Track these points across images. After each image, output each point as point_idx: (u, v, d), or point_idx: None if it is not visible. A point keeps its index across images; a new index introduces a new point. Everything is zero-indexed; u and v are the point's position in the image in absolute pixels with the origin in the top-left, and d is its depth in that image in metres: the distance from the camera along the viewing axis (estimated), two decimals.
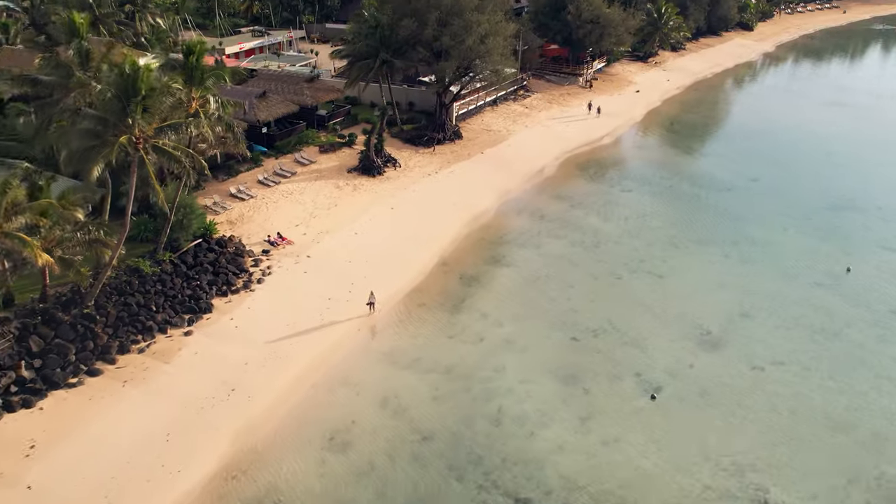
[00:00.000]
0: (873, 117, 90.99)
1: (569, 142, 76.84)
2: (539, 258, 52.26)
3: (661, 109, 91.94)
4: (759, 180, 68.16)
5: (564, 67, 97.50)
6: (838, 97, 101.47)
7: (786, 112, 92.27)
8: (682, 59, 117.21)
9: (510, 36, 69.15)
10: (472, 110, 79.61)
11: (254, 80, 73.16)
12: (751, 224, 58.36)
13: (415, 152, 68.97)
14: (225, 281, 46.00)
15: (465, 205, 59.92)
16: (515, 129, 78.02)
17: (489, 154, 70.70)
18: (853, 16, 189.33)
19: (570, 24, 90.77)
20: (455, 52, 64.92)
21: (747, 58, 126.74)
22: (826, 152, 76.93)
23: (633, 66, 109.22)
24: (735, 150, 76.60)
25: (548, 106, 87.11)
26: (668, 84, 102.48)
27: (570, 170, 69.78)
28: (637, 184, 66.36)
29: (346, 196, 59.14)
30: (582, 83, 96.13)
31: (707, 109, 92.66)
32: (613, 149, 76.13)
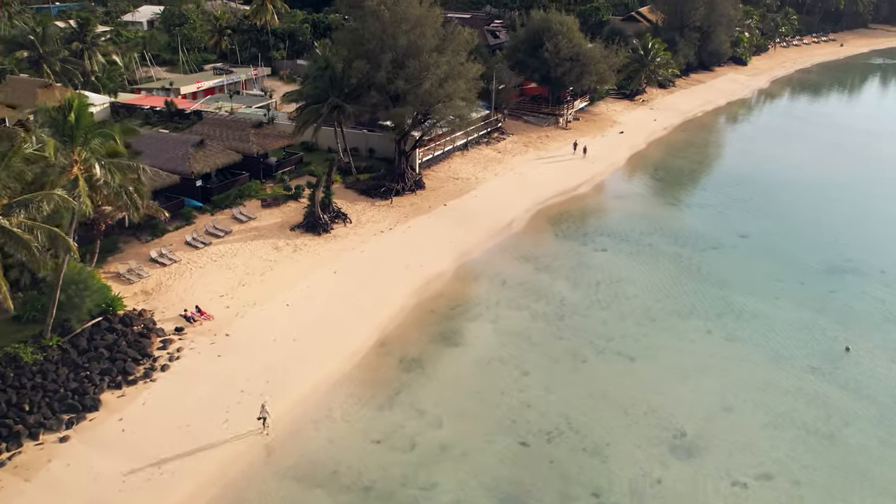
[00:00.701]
0: (874, 161, 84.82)
1: (542, 191, 70.60)
2: (494, 336, 45.67)
3: (646, 153, 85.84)
4: (748, 236, 61.76)
5: (544, 107, 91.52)
6: (837, 138, 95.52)
7: (780, 155, 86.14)
8: (671, 97, 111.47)
9: (475, 78, 63.07)
10: (439, 156, 73.51)
11: (198, 125, 67.36)
12: (738, 291, 51.80)
13: (370, 205, 62.73)
14: (122, 369, 39.58)
15: (418, 268, 53.52)
16: (485, 177, 71.86)
17: (453, 206, 64.43)
18: (851, 49, 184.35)
19: (549, 61, 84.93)
20: (412, 96, 58.90)
21: (740, 95, 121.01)
22: (823, 202, 70.69)
23: (618, 105, 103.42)
24: (724, 200, 70.26)
25: (523, 150, 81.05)
26: (654, 124, 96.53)
27: (540, 224, 63.40)
28: (613, 241, 59.90)
29: (284, 259, 52.77)
30: (562, 124, 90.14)
31: (695, 153, 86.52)
32: (590, 199, 69.79)
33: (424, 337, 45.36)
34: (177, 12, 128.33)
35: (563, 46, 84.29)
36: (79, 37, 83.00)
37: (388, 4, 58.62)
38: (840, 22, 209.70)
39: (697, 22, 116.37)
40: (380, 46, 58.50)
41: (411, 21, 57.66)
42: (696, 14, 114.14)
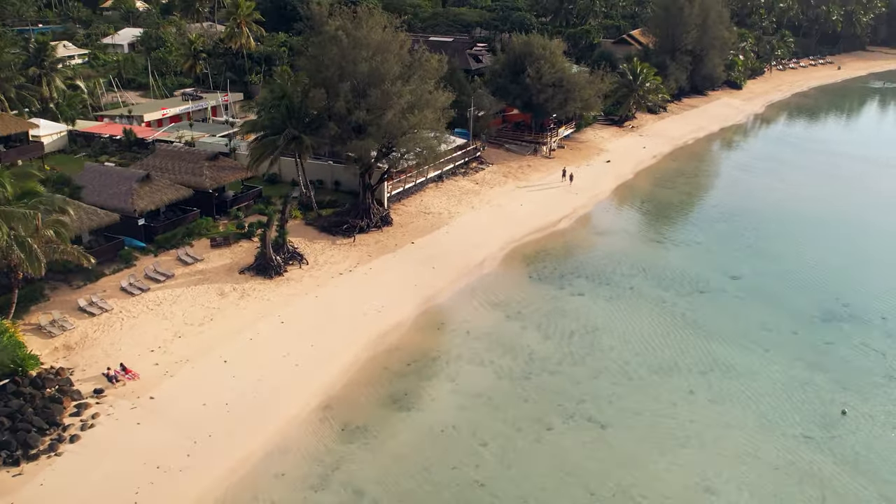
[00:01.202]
0: (874, 192, 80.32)
1: (520, 226, 66.09)
2: (451, 397, 40.96)
3: (633, 183, 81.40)
4: (738, 278, 57.08)
5: (526, 135, 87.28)
6: (834, 166, 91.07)
7: (774, 186, 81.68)
8: (662, 123, 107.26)
9: (444, 107, 58.76)
10: (410, 189, 69.10)
11: (150, 157, 63.13)
12: (725, 343, 47.14)
13: (331, 244, 58.25)
14: (23, 441, 34.94)
15: (376, 315, 48.92)
16: (459, 211, 67.41)
17: (421, 244, 59.91)
18: (848, 72, 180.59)
19: (530, 87, 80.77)
20: (373, 127, 54.58)
21: (734, 120, 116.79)
22: (819, 238, 66.12)
23: (606, 132, 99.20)
24: (713, 237, 65.68)
25: (502, 181, 76.63)
26: (643, 152, 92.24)
27: (514, 264, 58.79)
28: (592, 284, 55.24)
29: (228, 306, 48.18)
30: (545, 153, 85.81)
31: (685, 183, 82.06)
32: (571, 235, 65.21)
33: (374, 399, 40.68)
34: (154, 35, 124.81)
35: (546, 72, 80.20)
36: (36, 62, 78.89)
37: (348, 29, 54.32)
38: (837, 44, 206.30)
39: (689, 45, 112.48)
40: (339, 74, 54.22)
41: (372, 47, 53.38)
42: (687, 37, 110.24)
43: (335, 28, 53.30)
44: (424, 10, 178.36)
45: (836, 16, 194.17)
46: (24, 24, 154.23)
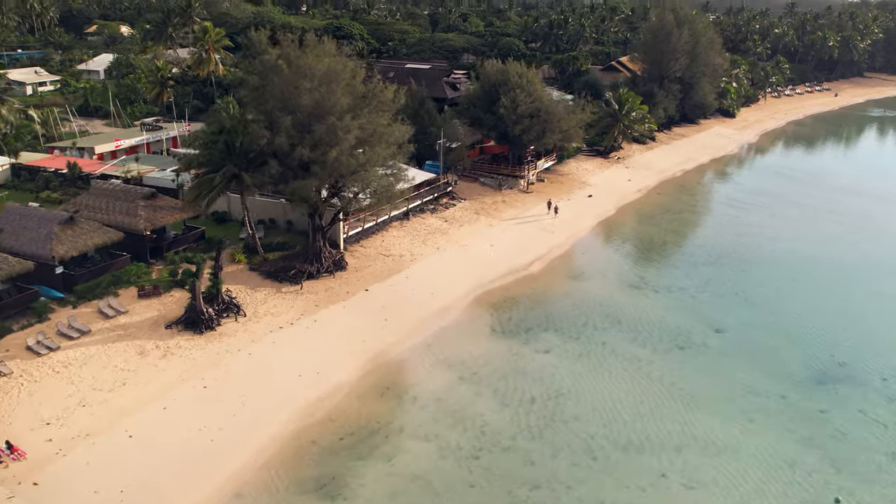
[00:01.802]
0: (875, 232, 74.89)
1: (488, 269, 60.76)
2: (386, 481, 35.40)
3: (615, 220, 76.18)
4: (723, 331, 51.59)
5: (503, 168, 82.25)
6: (832, 202, 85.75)
7: (766, 224, 76.35)
8: (650, 154, 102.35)
9: (400, 142, 53.76)
10: (371, 228, 63.81)
11: (83, 195, 58.05)
12: (705, 411, 41.62)
13: (275, 292, 52.89)
14: None
15: (313, 378, 43.49)
16: (423, 253, 62.14)
17: (376, 292, 54.56)
18: (845, 99, 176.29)
19: (505, 118, 75.84)
20: (318, 166, 49.45)
21: (726, 150, 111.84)
22: (814, 285, 60.75)
23: (590, 163, 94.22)
24: (698, 282, 60.29)
25: (474, 218, 71.42)
26: (628, 186, 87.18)
27: (477, 314, 53.38)
28: (560, 339, 49.82)
29: (146, 368, 42.78)
30: (523, 187, 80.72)
31: (670, 220, 76.79)
32: (542, 280, 59.85)
33: (295, 484, 35.11)
34: (124, 61, 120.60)
35: (522, 101, 75.33)
36: None
37: (291, 58, 49.36)
38: (834, 70, 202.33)
39: (678, 73, 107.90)
40: (280, 107, 49.12)
41: (317, 77, 48.36)
42: (676, 64, 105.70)
43: (276, 57, 48.16)
44: (412, 35, 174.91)
45: (832, 42, 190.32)
46: (1, 49, 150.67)
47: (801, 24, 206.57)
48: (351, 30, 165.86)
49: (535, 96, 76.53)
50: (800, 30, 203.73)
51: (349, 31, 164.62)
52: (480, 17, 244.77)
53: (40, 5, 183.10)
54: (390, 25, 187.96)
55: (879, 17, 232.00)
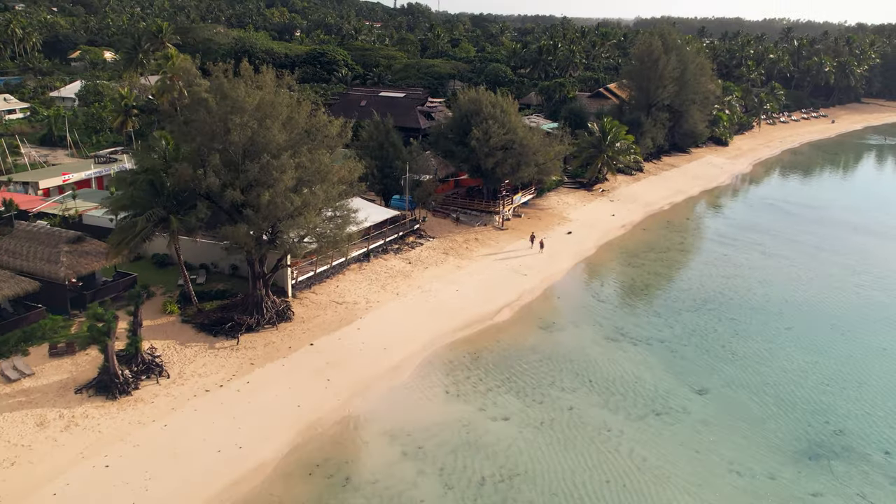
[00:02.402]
0: (878, 275, 69.31)
1: (451, 318, 55.35)
2: None
3: (595, 260, 70.76)
4: (705, 392, 46.03)
5: (477, 203, 77.09)
6: (829, 238, 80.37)
7: (758, 265, 70.97)
8: (637, 186, 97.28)
9: (348, 181, 48.65)
10: (325, 273, 58.42)
11: (5, 238, 52.69)
12: (679, 495, 35.86)
13: (208, 347, 47.51)
14: None
15: (234, 453, 37.99)
16: (381, 300, 56.74)
17: (322, 346, 49.11)
18: (843, 126, 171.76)
19: (477, 151, 70.79)
20: (251, 209, 44.21)
21: (717, 181, 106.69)
22: (809, 337, 55.27)
23: (572, 197, 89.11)
24: (680, 332, 54.77)
25: (441, 258, 66.08)
26: (611, 221, 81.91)
27: (432, 373, 47.90)
28: (522, 403, 44.25)
29: (44, 442, 37.42)
30: (498, 223, 75.46)
31: (654, 260, 71.37)
32: (509, 331, 54.30)
33: None
34: (92, 88, 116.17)
35: (495, 133, 70.29)
36: None
37: (224, 89, 44.30)
38: (831, 96, 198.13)
39: (666, 100, 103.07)
40: (207, 142, 43.98)
41: (249, 111, 43.24)
42: (663, 92, 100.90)
43: (204, 89, 43.09)
44: (399, 61, 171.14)
45: (828, 67, 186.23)
46: None
47: (797, 50, 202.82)
48: (335, 56, 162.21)
49: (510, 127, 71.49)
50: (795, 55, 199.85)
51: (333, 58, 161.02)
52: (473, 42, 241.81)
53: (22, 31, 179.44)
54: (377, 51, 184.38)
55: (876, 42, 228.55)
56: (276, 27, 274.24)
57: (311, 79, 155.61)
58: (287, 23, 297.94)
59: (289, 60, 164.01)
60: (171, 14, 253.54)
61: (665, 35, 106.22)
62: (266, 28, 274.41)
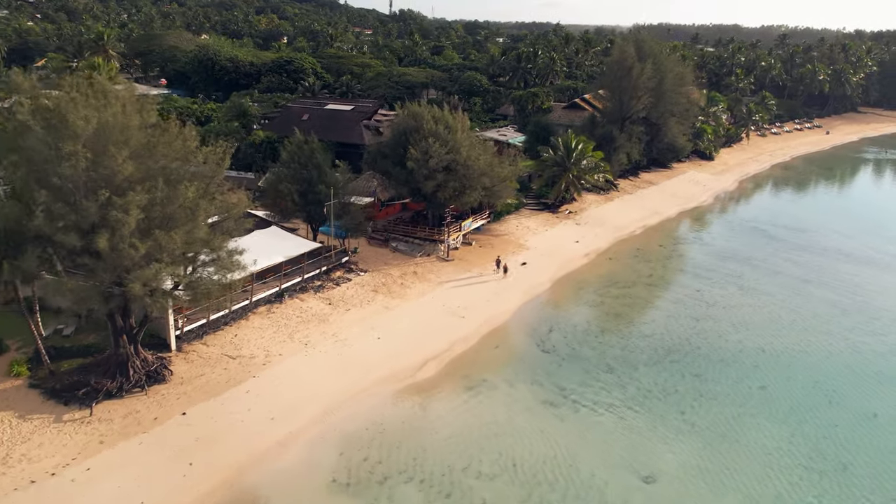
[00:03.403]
0: (874, 314, 60.64)
1: (364, 374, 46.97)
2: None
3: (548, 299, 62.13)
4: (654, 481, 37.55)
5: (419, 230, 68.57)
6: (819, 270, 71.70)
7: (733, 303, 62.35)
8: (608, 207, 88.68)
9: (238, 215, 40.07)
10: (224, 318, 49.78)
11: None
12: None
13: (53, 420, 39.36)
14: None
15: None
16: (284, 352, 48.20)
17: (197, 415, 40.62)
18: (838, 137, 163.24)
19: (415, 173, 62.30)
20: (90, 258, 35.53)
21: (698, 200, 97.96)
22: (784, 403, 46.56)
23: (534, 220, 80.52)
24: (634, 394, 46.24)
25: (369, 298, 57.47)
26: (574, 249, 73.29)
27: (322, 451, 39.13)
28: (425, 496, 35.89)
29: None
30: (443, 253, 66.85)
31: (615, 298, 62.73)
32: (429, 392, 45.69)
33: None
34: None
35: (435, 153, 61.69)
36: None
37: (61, 112, 35.67)
38: (826, 106, 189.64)
39: (642, 112, 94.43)
40: (36, 177, 35.35)
41: (83, 137, 34.62)
42: (638, 103, 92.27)
43: (29, 111, 34.51)
44: (374, 69, 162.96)
45: (822, 75, 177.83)
46: None
47: (790, 57, 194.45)
48: (302, 64, 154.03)
49: (453, 146, 62.85)
50: (788, 63, 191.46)
51: (300, 66, 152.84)
52: (460, 49, 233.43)
53: None
54: (350, 59, 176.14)
55: (874, 49, 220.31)
56: (262, 34, 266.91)
57: (277, 88, 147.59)
58: (273, 30, 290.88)
59: (254, 69, 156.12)
60: (146, 21, 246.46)
61: (641, 42, 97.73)
62: (251, 35, 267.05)
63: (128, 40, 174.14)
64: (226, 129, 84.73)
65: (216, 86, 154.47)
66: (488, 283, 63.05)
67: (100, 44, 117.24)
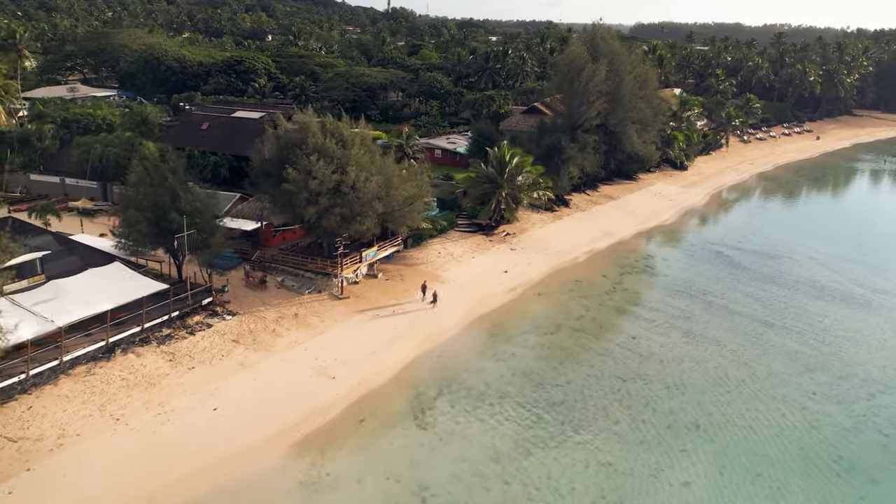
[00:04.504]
0: (838, 370, 49.86)
1: (180, 463, 36.43)
2: None
3: (450, 349, 51.69)
4: None
5: (314, 261, 58.12)
6: (781, 307, 61.14)
7: (672, 356, 51.68)
8: (554, 227, 78.10)
9: None
10: (23, 383, 39.36)
11: None
12: None
13: None
14: None
15: None
16: (85, 431, 38.34)
17: None
18: (829, 143, 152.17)
19: (296, 195, 51.80)
20: None
21: (659, 218, 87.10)
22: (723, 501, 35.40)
23: (462, 244, 69.99)
24: (522, 495, 35.25)
25: (227, 350, 47.16)
26: (499, 281, 62.91)
27: None
28: None
29: None
30: (337, 289, 56.36)
31: (531, 348, 52.22)
32: (252, 494, 34.79)
33: None
34: None
35: (320, 173, 51.22)
36: None
37: None
38: (819, 108, 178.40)
39: (596, 120, 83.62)
40: None
41: None
42: (590, 110, 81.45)
43: None
44: (338, 68, 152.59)
45: (813, 76, 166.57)
46: None
47: (780, 56, 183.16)
48: (253, 64, 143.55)
49: (342, 163, 52.33)
50: (778, 62, 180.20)
51: (251, 66, 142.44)
52: (441, 48, 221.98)
53: None
54: (312, 58, 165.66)
55: (871, 48, 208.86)
56: (245, 33, 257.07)
57: (225, 90, 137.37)
58: (256, 28, 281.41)
59: (203, 69, 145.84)
60: (115, 20, 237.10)
61: (598, 40, 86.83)
62: (233, 33, 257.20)
63: (74, 40, 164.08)
64: (116, 140, 74.31)
65: (162, 87, 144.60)
66: (383, 327, 52.61)
67: (10, 42, 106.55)
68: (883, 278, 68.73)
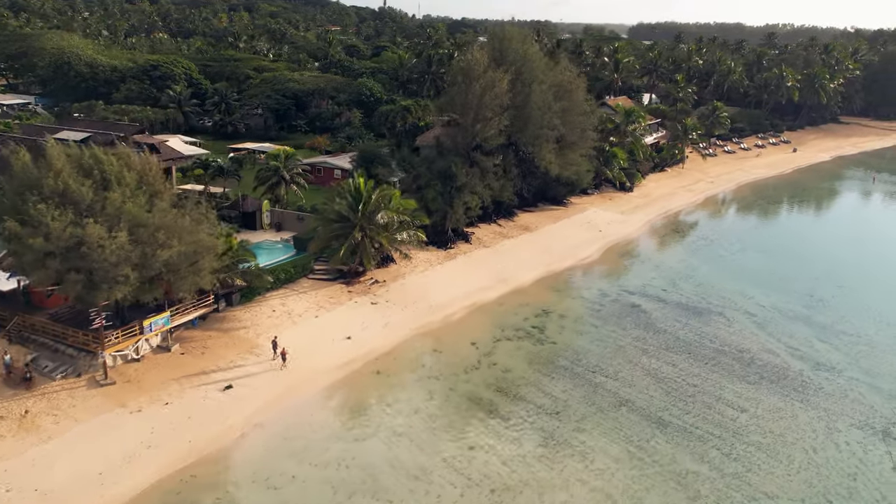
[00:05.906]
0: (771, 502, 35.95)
1: None
2: None
3: (201, 472, 37.59)
4: None
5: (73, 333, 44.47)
6: (691, 396, 47.49)
7: (513, 482, 37.94)
8: (440, 271, 64.51)
9: None
10: None
11: None
12: None
13: None
14: None
15: None
16: None
17: None
18: (806, 156, 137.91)
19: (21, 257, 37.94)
20: None
21: (577, 257, 73.08)
22: None
23: (310, 297, 56.75)
24: None
25: None
26: (338, 350, 49.63)
27: None
28: None
29: None
30: (100, 372, 42.66)
31: (345, 447, 38.35)
32: None
33: None
34: None
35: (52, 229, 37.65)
36: None
37: None
38: (800, 116, 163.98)
39: (499, 139, 69.78)
40: None
41: None
42: (487, 127, 67.62)
43: None
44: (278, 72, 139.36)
45: (791, 81, 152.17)
46: None
47: (757, 59, 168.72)
48: (171, 69, 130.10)
49: (93, 212, 38.77)
50: (754, 66, 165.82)
51: (168, 71, 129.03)
52: (414, 50, 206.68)
53: None
54: (248, 62, 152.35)
55: (861, 50, 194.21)
56: (218, 33, 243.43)
57: (137, 98, 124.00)
58: (226, 28, 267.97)
59: (116, 75, 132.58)
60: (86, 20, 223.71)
61: (505, 41, 72.91)
62: (205, 34, 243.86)
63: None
64: None
65: (73, 94, 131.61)
66: (135, 432, 38.79)
67: None
68: (830, 345, 54.87)
